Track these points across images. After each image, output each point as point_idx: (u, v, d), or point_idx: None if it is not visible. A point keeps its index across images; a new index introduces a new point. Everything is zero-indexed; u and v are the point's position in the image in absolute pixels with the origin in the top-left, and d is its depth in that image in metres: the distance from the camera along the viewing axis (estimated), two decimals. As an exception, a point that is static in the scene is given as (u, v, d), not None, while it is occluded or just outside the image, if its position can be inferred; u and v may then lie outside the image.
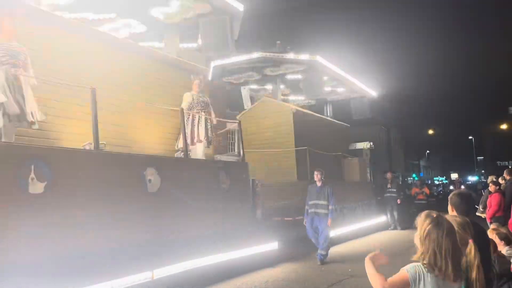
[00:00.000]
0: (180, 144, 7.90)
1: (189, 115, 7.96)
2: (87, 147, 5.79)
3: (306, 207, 9.39)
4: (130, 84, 7.54)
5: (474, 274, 2.49)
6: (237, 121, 9.17)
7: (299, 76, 12.93)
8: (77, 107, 6.44)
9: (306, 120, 13.00)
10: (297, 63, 11.92)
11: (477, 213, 9.76)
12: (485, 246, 2.97)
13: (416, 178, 61.76)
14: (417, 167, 72.22)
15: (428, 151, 78.49)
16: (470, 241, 2.58)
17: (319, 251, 9.10)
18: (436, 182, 66.46)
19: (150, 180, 6.24)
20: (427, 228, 2.30)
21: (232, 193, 8.11)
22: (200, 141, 8.04)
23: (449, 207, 3.19)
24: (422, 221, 2.35)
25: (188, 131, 7.91)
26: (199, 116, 8.04)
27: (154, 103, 7.69)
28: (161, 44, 9.92)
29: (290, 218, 10.39)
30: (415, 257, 2.34)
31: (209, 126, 8.19)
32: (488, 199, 9.17)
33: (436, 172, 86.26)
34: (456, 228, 2.51)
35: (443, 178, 77.26)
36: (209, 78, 12.89)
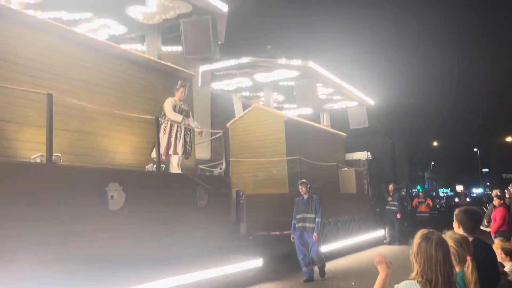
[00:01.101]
0: (155, 153, 7.34)
1: (166, 124, 7.36)
2: (38, 160, 5.19)
3: (293, 221, 8.84)
4: (103, 88, 6.91)
5: None
6: (221, 131, 8.56)
7: (292, 83, 12.38)
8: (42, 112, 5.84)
9: (299, 129, 12.41)
10: (289, 68, 11.38)
11: (481, 227, 9.32)
12: (492, 264, 3.01)
13: (420, 190, 61.12)
14: (421, 179, 71.50)
15: (432, 163, 77.82)
16: (468, 258, 2.62)
17: (304, 269, 8.50)
18: (441, 194, 65.68)
19: (112, 197, 5.66)
20: (417, 243, 2.36)
21: (211, 210, 7.49)
22: (176, 153, 7.39)
23: (455, 224, 3.18)
24: (415, 239, 2.41)
25: (164, 140, 7.32)
26: (177, 126, 7.43)
27: (130, 110, 7.12)
28: (143, 47, 9.41)
29: (277, 232, 9.76)
30: (412, 276, 2.36)
31: (188, 139, 7.55)
32: (493, 213, 8.97)
33: (441, 184, 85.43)
34: (453, 245, 2.61)
35: (448, 190, 76.47)
36: (199, 84, 12.40)
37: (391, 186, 14.67)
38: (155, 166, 6.80)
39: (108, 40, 8.31)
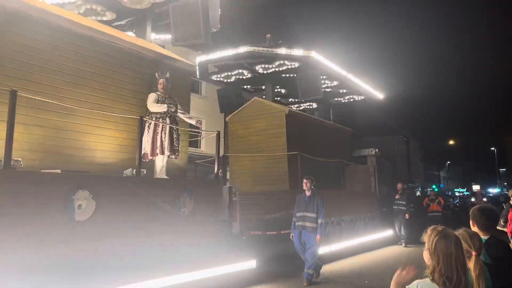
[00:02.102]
0: (142, 154, 6.81)
1: (150, 122, 6.82)
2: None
3: (294, 219, 8.23)
4: (87, 79, 6.36)
5: (475, 287, 2.49)
6: (216, 131, 7.98)
7: (294, 75, 11.80)
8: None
9: (301, 123, 11.82)
10: (290, 59, 10.80)
11: (498, 227, 8.97)
12: (510, 263, 2.95)
13: (436, 190, 60.02)
14: (437, 178, 70.20)
15: (448, 162, 76.37)
16: (473, 254, 2.60)
17: (305, 270, 7.93)
18: (457, 194, 64.35)
19: (79, 206, 5.15)
20: (435, 240, 2.30)
21: (199, 213, 6.97)
22: (163, 153, 6.84)
23: (471, 222, 3.15)
24: (429, 236, 2.35)
25: (148, 140, 6.79)
26: (162, 124, 6.86)
27: (118, 103, 6.62)
28: (133, 36, 8.93)
29: (274, 232, 9.19)
30: (427, 272, 2.30)
31: (174, 135, 6.98)
32: (510, 213, 8.58)
33: (457, 183, 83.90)
34: (462, 240, 2.52)
35: (464, 190, 75.00)
36: (197, 76, 11.90)
37: (399, 185, 13.93)
38: (134, 170, 6.20)
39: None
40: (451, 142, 66.40)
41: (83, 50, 6.33)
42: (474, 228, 3.09)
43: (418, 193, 46.06)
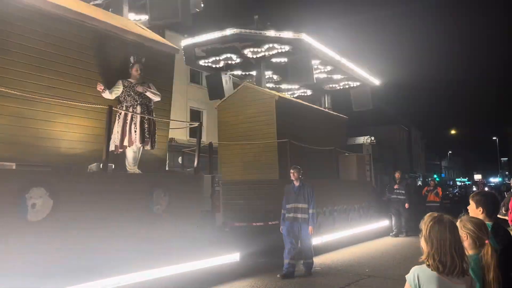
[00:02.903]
0: (113, 146, 6.33)
1: (121, 111, 6.32)
2: None
3: (283, 211, 7.84)
4: (54, 63, 5.80)
5: (491, 275, 2.51)
6: (198, 123, 7.50)
7: (285, 60, 11.28)
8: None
9: (292, 110, 11.33)
10: (280, 42, 10.28)
11: (498, 215, 8.62)
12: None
13: (437, 179, 59.81)
14: (438, 168, 69.75)
15: (450, 152, 75.90)
16: (487, 242, 2.60)
17: (286, 260, 7.51)
18: (459, 183, 63.99)
19: (33, 205, 4.69)
20: (429, 225, 2.32)
21: (175, 213, 6.52)
22: (132, 144, 6.31)
23: (473, 207, 3.14)
24: (425, 222, 2.36)
25: (118, 130, 6.28)
26: (132, 113, 6.33)
27: (91, 89, 6.12)
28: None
29: (261, 223, 8.76)
30: (422, 258, 2.31)
31: (146, 125, 6.42)
32: (510, 201, 8.70)
33: (458, 173, 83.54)
34: (473, 228, 2.63)
35: (466, 179, 74.63)
36: (184, 62, 11.40)
37: (397, 174, 13.46)
38: (101, 165, 5.67)
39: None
40: (453, 131, 65.97)
41: (48, 29, 5.81)
42: (478, 214, 3.06)
43: (419, 183, 45.68)
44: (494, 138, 63.56)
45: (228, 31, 9.76)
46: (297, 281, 7.23)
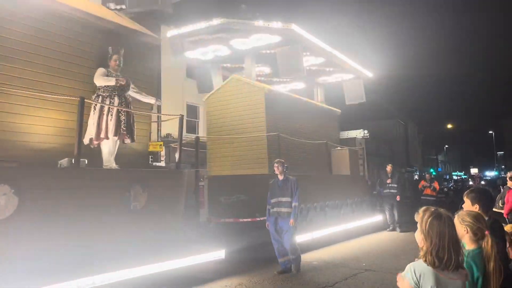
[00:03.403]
0: (88, 139, 6.03)
1: (96, 103, 6.01)
2: None
3: (268, 206, 7.60)
4: (24, 52, 5.48)
5: (492, 265, 2.51)
6: (179, 115, 7.21)
7: (275, 51, 10.97)
8: None
9: (282, 103, 11.04)
10: (269, 32, 9.96)
11: (494, 209, 8.61)
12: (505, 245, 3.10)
13: (434, 173, 59.84)
14: (435, 162, 69.73)
15: (446, 146, 75.86)
16: (487, 233, 2.60)
17: (281, 259, 7.32)
18: (455, 177, 64.01)
19: None
20: (428, 222, 2.29)
21: (155, 210, 6.23)
22: (107, 137, 6.02)
23: (469, 204, 3.15)
24: (422, 217, 2.33)
25: (94, 122, 5.98)
26: (109, 105, 6.03)
27: (65, 80, 5.80)
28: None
29: (249, 219, 8.49)
30: (421, 254, 2.28)
31: (122, 117, 6.10)
32: (506, 195, 8.62)
33: (455, 167, 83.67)
34: (472, 221, 2.62)
35: (462, 173, 74.71)
36: (172, 55, 11.09)
37: (389, 167, 13.13)
38: (72, 160, 5.33)
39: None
40: (449, 126, 66.01)
41: (19, 17, 5.49)
42: (474, 209, 3.06)
43: (416, 177, 45.53)
44: (491, 132, 63.56)
45: (215, 21, 9.44)
46: (291, 276, 7.00)
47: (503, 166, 59.56)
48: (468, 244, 2.65)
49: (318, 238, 9.65)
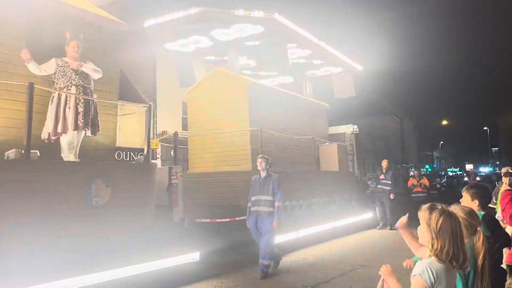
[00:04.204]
0: (46, 134, 5.55)
1: (53, 94, 5.53)
2: None
3: (248, 204, 7.17)
4: None
5: (480, 261, 2.54)
6: (147, 105, 6.76)
7: (258, 43, 10.51)
8: None
9: (267, 97, 10.57)
10: (251, 22, 9.48)
11: (489, 205, 8.12)
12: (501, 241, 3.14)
13: (429, 170, 59.54)
14: (430, 158, 69.52)
15: (442, 142, 75.76)
16: (479, 229, 2.65)
17: (260, 261, 6.86)
18: (450, 173, 63.90)
19: None
20: (440, 221, 2.25)
21: (121, 207, 5.75)
22: (66, 130, 5.53)
23: (468, 200, 3.18)
24: (429, 215, 2.28)
25: (51, 115, 5.50)
26: (66, 96, 5.52)
27: (13, 72, 5.31)
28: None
29: (227, 219, 8.03)
30: (431, 253, 2.24)
31: (81, 108, 5.58)
32: (500, 201, 8.00)
33: (450, 163, 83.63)
34: (465, 217, 2.64)
35: (457, 169, 74.69)
36: (150, 46, 10.59)
37: (384, 162, 12.62)
38: (22, 151, 4.83)
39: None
40: (445, 122, 65.91)
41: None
42: (474, 206, 3.08)
43: (411, 173, 45.25)
44: (485, 128, 63.44)
45: (193, 10, 8.96)
46: (268, 279, 6.55)
47: (497, 162, 59.50)
48: None
49: (303, 237, 9.21)
